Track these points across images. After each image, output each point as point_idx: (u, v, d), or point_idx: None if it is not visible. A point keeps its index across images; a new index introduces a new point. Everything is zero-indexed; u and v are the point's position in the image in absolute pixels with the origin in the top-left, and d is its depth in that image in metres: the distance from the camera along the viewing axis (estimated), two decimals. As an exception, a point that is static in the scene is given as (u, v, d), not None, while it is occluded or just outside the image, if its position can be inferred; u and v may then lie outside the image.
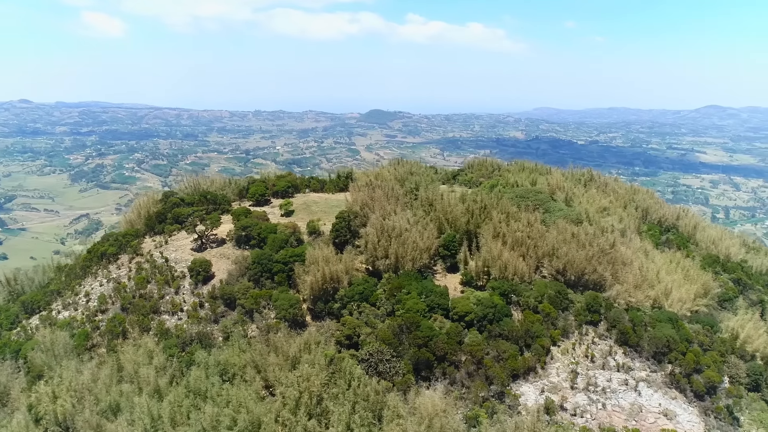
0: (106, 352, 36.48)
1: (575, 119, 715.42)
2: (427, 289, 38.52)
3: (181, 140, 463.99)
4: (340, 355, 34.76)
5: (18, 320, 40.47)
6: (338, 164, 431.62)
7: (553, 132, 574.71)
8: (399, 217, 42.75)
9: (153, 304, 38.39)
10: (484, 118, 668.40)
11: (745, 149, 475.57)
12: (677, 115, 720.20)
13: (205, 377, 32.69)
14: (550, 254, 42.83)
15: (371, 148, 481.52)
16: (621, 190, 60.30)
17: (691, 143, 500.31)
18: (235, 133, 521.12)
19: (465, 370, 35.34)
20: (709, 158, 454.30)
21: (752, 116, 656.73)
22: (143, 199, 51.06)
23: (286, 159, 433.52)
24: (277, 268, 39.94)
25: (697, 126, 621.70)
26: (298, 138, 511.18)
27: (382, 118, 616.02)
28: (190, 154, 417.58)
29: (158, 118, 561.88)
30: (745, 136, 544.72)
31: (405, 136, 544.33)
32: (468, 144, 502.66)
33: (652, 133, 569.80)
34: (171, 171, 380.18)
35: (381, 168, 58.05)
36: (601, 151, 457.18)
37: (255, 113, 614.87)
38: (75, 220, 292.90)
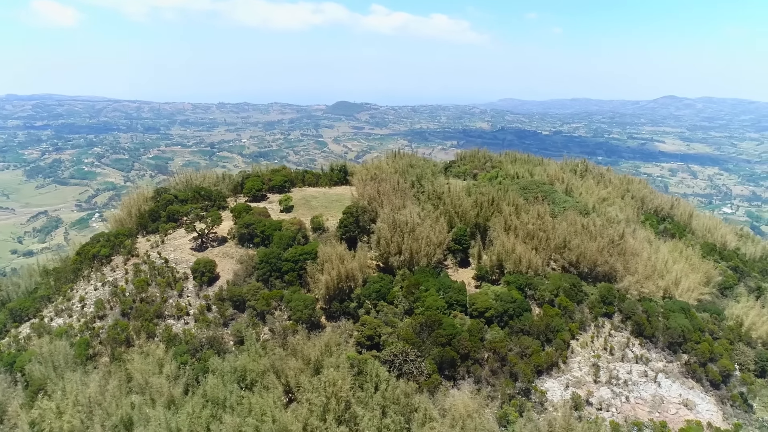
0: (109, 362, 34.16)
1: (539, 110, 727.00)
2: (444, 286, 37.50)
3: (142, 134, 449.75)
4: (362, 356, 33.46)
5: (6, 329, 37.58)
6: (306, 157, 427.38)
7: (519, 123, 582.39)
8: (408, 211, 41.49)
9: (157, 308, 36.18)
10: (450, 110, 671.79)
11: (701, 138, 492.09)
12: (636, 105, 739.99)
13: (222, 385, 30.88)
14: (562, 246, 42.40)
15: (339, 140, 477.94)
16: (616, 180, 60.58)
17: (651, 133, 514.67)
18: (198, 126, 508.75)
19: (489, 367, 34.56)
20: (668, 147, 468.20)
21: (707, 106, 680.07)
22: (133, 196, 48.24)
23: (252, 152, 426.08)
24: (287, 267, 38.22)
25: (655, 116, 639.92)
26: (264, 130, 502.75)
27: (349, 109, 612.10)
28: (152, 148, 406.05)
29: (117, 110, 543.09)
30: (701, 125, 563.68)
31: (372, 127, 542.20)
32: (435, 135, 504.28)
33: (613, 123, 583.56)
34: (133, 165, 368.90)
35: (380, 161, 56.61)
36: (565, 141, 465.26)
37: (219, 105, 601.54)
38: (32, 218, 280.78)
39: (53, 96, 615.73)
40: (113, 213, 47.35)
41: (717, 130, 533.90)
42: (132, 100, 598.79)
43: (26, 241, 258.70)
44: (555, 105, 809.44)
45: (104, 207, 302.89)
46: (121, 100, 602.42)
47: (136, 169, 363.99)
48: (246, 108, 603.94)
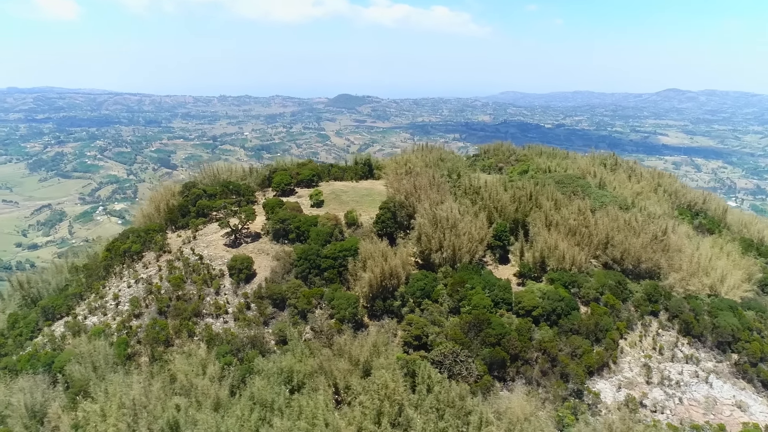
0: (149, 362, 33.14)
1: (541, 103, 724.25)
2: (490, 283, 36.46)
3: (144, 127, 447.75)
4: (410, 357, 32.46)
5: (38, 327, 36.53)
6: (308, 150, 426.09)
7: (521, 116, 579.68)
8: (447, 206, 40.37)
9: (195, 306, 35.11)
10: (452, 102, 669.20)
11: (704, 131, 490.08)
12: (639, 98, 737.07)
13: (269, 386, 29.86)
14: (605, 243, 41.33)
15: (341, 134, 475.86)
16: (646, 174, 59.42)
17: (654, 126, 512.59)
18: (200, 119, 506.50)
19: (539, 368, 33.56)
20: (671, 140, 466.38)
21: (710, 99, 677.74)
22: (160, 190, 47.06)
23: (255, 145, 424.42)
24: (327, 264, 37.14)
25: (658, 109, 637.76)
26: (265, 123, 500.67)
27: (351, 102, 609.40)
28: (154, 141, 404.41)
29: (119, 104, 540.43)
30: (704, 118, 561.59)
31: (374, 120, 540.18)
32: (437, 128, 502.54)
33: (616, 116, 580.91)
34: (136, 159, 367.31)
35: (409, 153, 55.38)
36: (568, 134, 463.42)
37: (220, 98, 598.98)
38: (36, 211, 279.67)
39: (54, 89, 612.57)
40: (140, 208, 46.21)
41: (720, 123, 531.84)
42: (133, 93, 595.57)
43: (30, 235, 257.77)
44: (557, 98, 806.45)
45: (108, 200, 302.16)
46: (122, 93, 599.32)
47: (139, 162, 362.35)
48: (247, 101, 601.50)
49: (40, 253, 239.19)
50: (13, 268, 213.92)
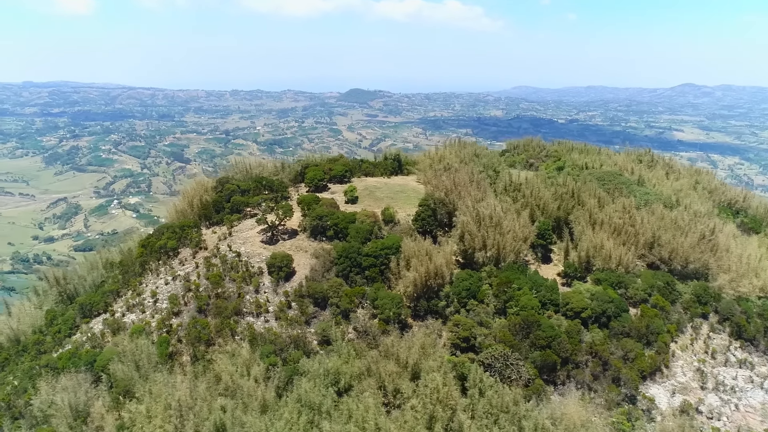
0: (190, 361, 32.50)
1: (554, 98, 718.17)
2: (536, 284, 35.42)
3: (157, 121, 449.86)
4: (459, 359, 31.55)
5: (75, 325, 36.02)
6: (320, 145, 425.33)
7: (533, 111, 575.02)
8: (488, 203, 39.33)
9: (235, 305, 34.39)
10: (464, 97, 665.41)
11: (720, 127, 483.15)
12: (653, 93, 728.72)
13: (316, 389, 29.08)
14: (651, 242, 40.11)
15: (353, 128, 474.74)
16: (684, 171, 57.96)
17: (669, 121, 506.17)
18: (212, 113, 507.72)
19: (590, 371, 32.52)
20: (687, 136, 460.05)
21: (726, 94, 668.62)
22: (192, 185, 46.38)
23: (267, 139, 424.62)
24: (368, 263, 36.26)
25: (673, 104, 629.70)
26: (277, 118, 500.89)
27: (362, 97, 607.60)
28: (167, 135, 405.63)
29: (132, 98, 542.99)
30: (720, 114, 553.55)
31: (386, 115, 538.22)
32: (449, 123, 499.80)
33: (630, 111, 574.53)
34: (149, 152, 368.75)
35: (441, 149, 54.28)
36: (581, 130, 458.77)
37: (232, 93, 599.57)
38: (52, 204, 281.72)
39: (68, 83, 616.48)
40: (174, 203, 45.56)
41: (737, 118, 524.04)
42: (146, 87, 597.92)
43: (47, 228, 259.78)
44: (570, 93, 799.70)
45: (122, 194, 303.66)
46: (136, 87, 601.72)
47: (153, 157, 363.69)
48: (259, 95, 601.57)
49: (57, 246, 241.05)
50: (30, 260, 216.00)
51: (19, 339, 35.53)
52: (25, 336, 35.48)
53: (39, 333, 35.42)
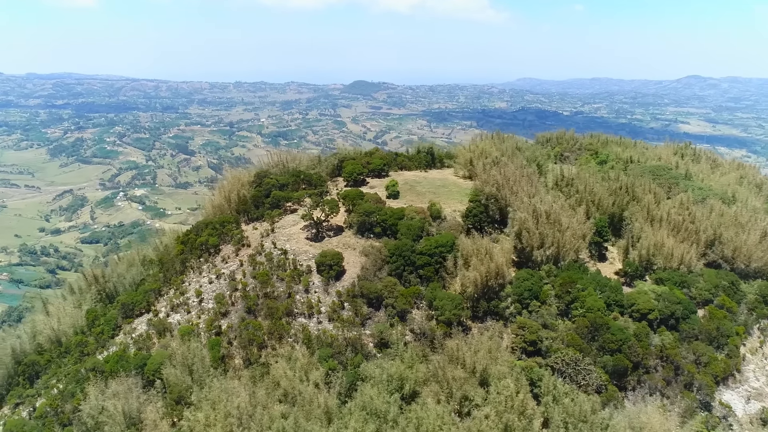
0: (242, 365, 31.07)
1: (558, 90, 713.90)
2: (600, 284, 33.88)
3: (161, 113, 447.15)
4: (527, 363, 30.08)
5: (117, 325, 34.58)
6: (325, 137, 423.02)
7: (538, 103, 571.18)
8: (545, 199, 37.74)
9: (287, 305, 32.90)
10: (468, 89, 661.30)
11: (726, 119, 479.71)
12: (659, 85, 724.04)
13: (380, 395, 27.63)
14: (712, 239, 38.53)
15: (357, 120, 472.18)
16: (726, 164, 56.26)
17: (674, 114, 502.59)
18: (216, 105, 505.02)
19: (662, 376, 31.05)
20: (693, 129, 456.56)
21: (732, 86, 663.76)
22: (229, 179, 44.76)
23: (271, 131, 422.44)
24: (422, 261, 34.72)
25: (679, 96, 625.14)
26: (281, 110, 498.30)
27: (366, 89, 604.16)
28: (172, 127, 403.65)
29: (136, 90, 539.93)
30: (726, 106, 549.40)
31: (390, 107, 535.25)
32: (454, 115, 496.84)
33: (636, 103, 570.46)
34: (154, 145, 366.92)
35: (478, 142, 52.51)
36: (587, 122, 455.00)
37: (236, 85, 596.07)
38: (58, 197, 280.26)
39: (72, 75, 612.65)
40: (210, 198, 43.99)
41: (743, 111, 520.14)
42: (150, 79, 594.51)
43: (53, 220, 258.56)
44: (574, 85, 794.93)
45: (127, 186, 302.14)
46: (139, 78, 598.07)
47: (157, 149, 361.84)
48: (263, 87, 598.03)
49: (63, 238, 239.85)
50: (38, 252, 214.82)
51: (60, 340, 34.09)
52: (66, 337, 34.02)
53: (81, 334, 33.97)
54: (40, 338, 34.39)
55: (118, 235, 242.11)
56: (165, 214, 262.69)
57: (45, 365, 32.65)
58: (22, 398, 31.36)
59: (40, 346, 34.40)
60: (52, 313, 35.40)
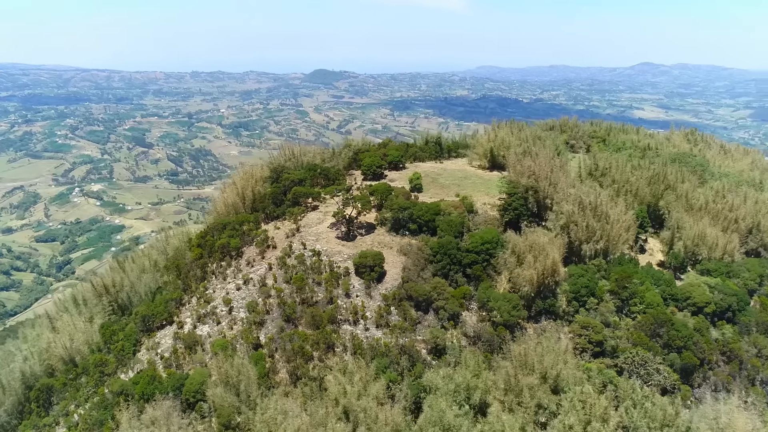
0: (289, 380, 28.35)
1: (518, 77, 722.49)
2: (655, 278, 32.62)
3: (115, 104, 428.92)
4: (594, 365, 28.50)
5: (138, 340, 31.19)
6: (287, 127, 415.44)
7: (499, 90, 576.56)
8: (586, 191, 36.22)
9: (331, 312, 30.28)
10: (429, 78, 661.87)
11: (678, 105, 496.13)
12: (614, 72, 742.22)
13: (451, 408, 25.52)
14: (750, 227, 37.91)
15: (320, 110, 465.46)
16: (732, 149, 56.32)
17: (629, 100, 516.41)
18: (173, 95, 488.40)
19: (727, 371, 30.07)
20: (647, 114, 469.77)
21: (683, 73, 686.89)
22: (241, 175, 41.35)
23: (232, 122, 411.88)
24: (469, 259, 32.66)
25: (633, 83, 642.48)
26: (241, 100, 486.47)
27: (327, 78, 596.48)
28: (127, 119, 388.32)
29: (87, 80, 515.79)
30: (678, 92, 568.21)
31: (352, 96, 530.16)
32: (417, 104, 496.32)
33: (593, 90, 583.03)
34: (109, 137, 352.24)
35: (495, 131, 50.46)
36: (547, 109, 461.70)
37: (192, 74, 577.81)
38: (8, 193, 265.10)
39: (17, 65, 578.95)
40: (222, 196, 40.55)
41: (693, 96, 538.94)
42: (101, 69, 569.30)
43: (3, 218, 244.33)
44: (533, 72, 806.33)
45: (83, 181, 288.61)
46: (90, 69, 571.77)
47: (113, 141, 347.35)
48: (221, 77, 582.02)
49: (16, 237, 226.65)
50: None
51: (74, 359, 30.45)
52: (81, 356, 30.43)
53: (98, 352, 30.43)
54: (51, 359, 30.65)
55: (76, 233, 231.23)
56: (125, 210, 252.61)
57: (61, 389, 29.04)
58: (39, 428, 27.77)
59: (51, 367, 30.70)
60: (61, 330, 31.63)
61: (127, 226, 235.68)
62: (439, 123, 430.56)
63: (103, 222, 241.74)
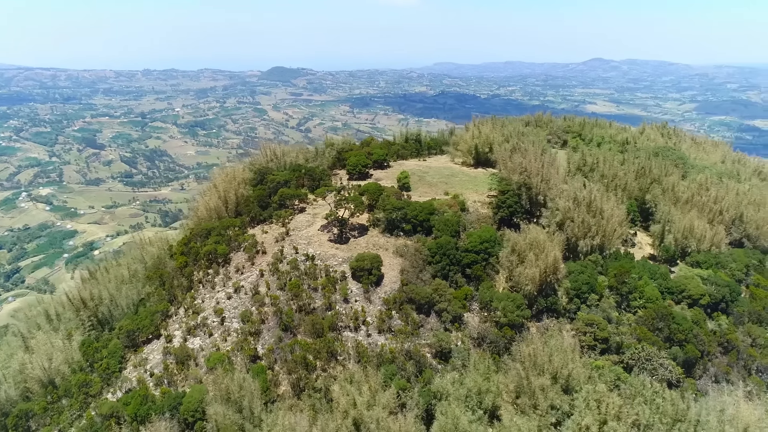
0: (291, 392, 27.00)
1: (475, 74, 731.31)
2: (651, 271, 32.77)
3: (62, 104, 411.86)
4: (601, 362, 28.31)
5: (124, 356, 29.17)
6: (245, 125, 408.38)
7: (457, 87, 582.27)
8: (578, 186, 36.14)
9: (331, 319, 29.06)
10: (388, 74, 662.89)
11: (628, 99, 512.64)
12: (567, 68, 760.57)
13: (464, 414, 24.78)
14: (733, 218, 38.70)
15: (278, 107, 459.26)
16: (704, 142, 57.77)
17: (583, 95, 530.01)
18: (124, 94, 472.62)
19: (726, 362, 30.45)
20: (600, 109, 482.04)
21: (632, 68, 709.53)
22: (222, 177, 39.37)
23: (188, 121, 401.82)
24: (469, 259, 32.02)
25: (585, 78, 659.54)
26: (196, 98, 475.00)
27: (285, 75, 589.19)
28: (76, 120, 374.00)
29: (30, 79, 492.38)
30: (627, 87, 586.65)
31: (311, 94, 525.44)
32: (376, 101, 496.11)
33: (547, 85, 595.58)
34: (57, 139, 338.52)
35: (474, 128, 49.91)
36: (504, 104, 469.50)
37: (144, 72, 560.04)
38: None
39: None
40: (204, 200, 38.45)
41: (642, 91, 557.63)
42: (46, 68, 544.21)
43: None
44: (489, 68, 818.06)
45: (30, 185, 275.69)
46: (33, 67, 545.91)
47: (61, 143, 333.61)
48: (174, 75, 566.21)
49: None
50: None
51: (53, 381, 28.16)
52: (62, 376, 28.17)
53: (80, 371, 28.26)
54: (27, 381, 28.25)
55: (24, 240, 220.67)
56: (77, 214, 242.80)
57: (41, 414, 26.78)
58: (20, 458, 25.54)
59: (28, 390, 28.31)
60: (36, 349, 29.22)
61: (80, 231, 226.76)
62: (399, 119, 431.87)
63: (54, 227, 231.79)
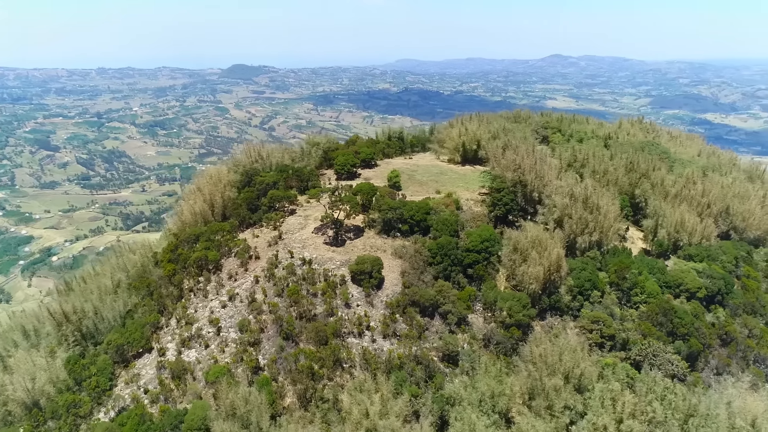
0: (298, 404, 25.83)
1: (437, 70, 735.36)
2: (650, 266, 32.89)
3: (11, 104, 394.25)
4: (609, 360, 28.15)
5: (113, 373, 27.39)
6: (207, 125, 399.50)
7: (420, 83, 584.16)
8: (564, 182, 36.04)
9: (335, 325, 27.98)
10: (351, 71, 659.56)
11: (587, 95, 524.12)
12: (526, 64, 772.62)
13: (480, 419, 24.16)
14: (720, 211, 39.36)
15: (240, 106, 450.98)
16: (679, 136, 58.89)
17: (543, 90, 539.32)
18: (78, 94, 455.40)
19: (726, 354, 30.80)
20: (560, 104, 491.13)
21: (589, 64, 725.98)
22: (207, 180, 37.58)
23: (147, 121, 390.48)
24: (471, 259, 31.45)
25: (545, 74, 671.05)
26: (155, 97, 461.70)
27: (246, 73, 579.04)
28: (27, 120, 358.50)
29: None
30: (585, 82, 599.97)
31: (273, 91, 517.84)
32: (340, 98, 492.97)
33: (508, 82, 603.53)
34: (8, 141, 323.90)
35: (459, 125, 49.30)
36: (467, 101, 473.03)
37: (99, 71, 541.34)
38: None
39: None
40: (189, 204, 36.57)
41: (600, 86, 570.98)
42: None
43: None
44: (451, 65, 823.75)
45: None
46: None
47: (12, 145, 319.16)
48: (131, 73, 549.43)
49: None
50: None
51: (37, 402, 26.17)
52: (46, 397, 26.18)
53: (67, 391, 26.36)
54: (9, 404, 26.16)
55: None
56: (32, 219, 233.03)
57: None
58: (7, 489, 23.61)
59: (10, 414, 26.25)
60: (16, 369, 27.12)
61: (36, 236, 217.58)
62: (363, 117, 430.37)
63: (8, 233, 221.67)
